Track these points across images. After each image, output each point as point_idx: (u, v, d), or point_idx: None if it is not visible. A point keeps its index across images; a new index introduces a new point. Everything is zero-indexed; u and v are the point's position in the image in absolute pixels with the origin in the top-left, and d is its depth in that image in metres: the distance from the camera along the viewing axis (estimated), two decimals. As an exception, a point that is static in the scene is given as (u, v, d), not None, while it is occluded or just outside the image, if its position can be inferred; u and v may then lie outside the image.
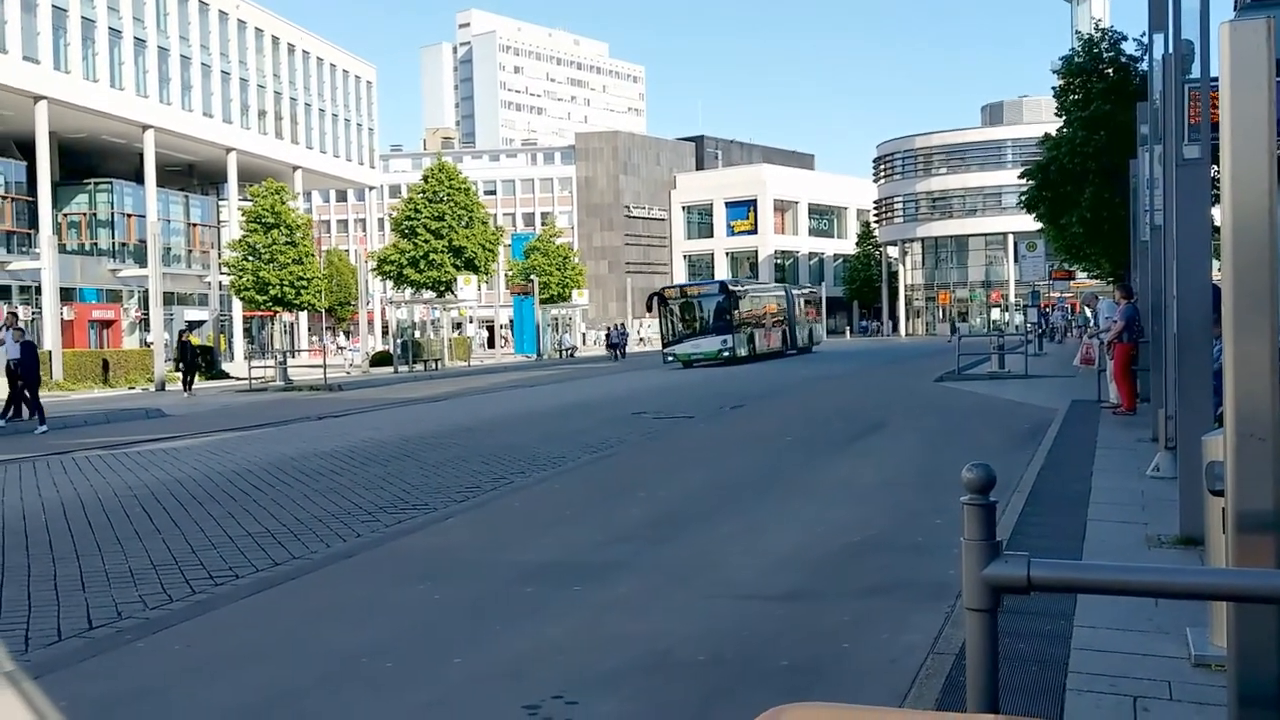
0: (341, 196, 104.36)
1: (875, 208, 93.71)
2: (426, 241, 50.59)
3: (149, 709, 4.98)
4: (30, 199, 46.60)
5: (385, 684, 5.18)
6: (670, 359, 39.73)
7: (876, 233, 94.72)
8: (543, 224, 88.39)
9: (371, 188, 78.58)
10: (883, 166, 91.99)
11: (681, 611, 6.31)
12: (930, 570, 7.06)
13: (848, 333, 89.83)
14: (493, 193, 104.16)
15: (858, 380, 29.25)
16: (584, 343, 73.82)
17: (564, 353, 57.51)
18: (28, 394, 20.21)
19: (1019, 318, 78.41)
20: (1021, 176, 34.69)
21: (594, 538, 8.51)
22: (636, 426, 17.24)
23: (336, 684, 5.24)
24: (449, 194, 51.41)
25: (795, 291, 51.53)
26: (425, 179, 52.20)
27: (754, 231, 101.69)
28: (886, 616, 6.08)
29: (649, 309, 42.85)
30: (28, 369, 20.14)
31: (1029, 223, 43.36)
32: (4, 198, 46.40)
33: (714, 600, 6.53)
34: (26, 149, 46.79)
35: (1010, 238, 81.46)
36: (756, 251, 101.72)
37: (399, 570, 7.65)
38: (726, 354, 38.73)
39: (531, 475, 11.96)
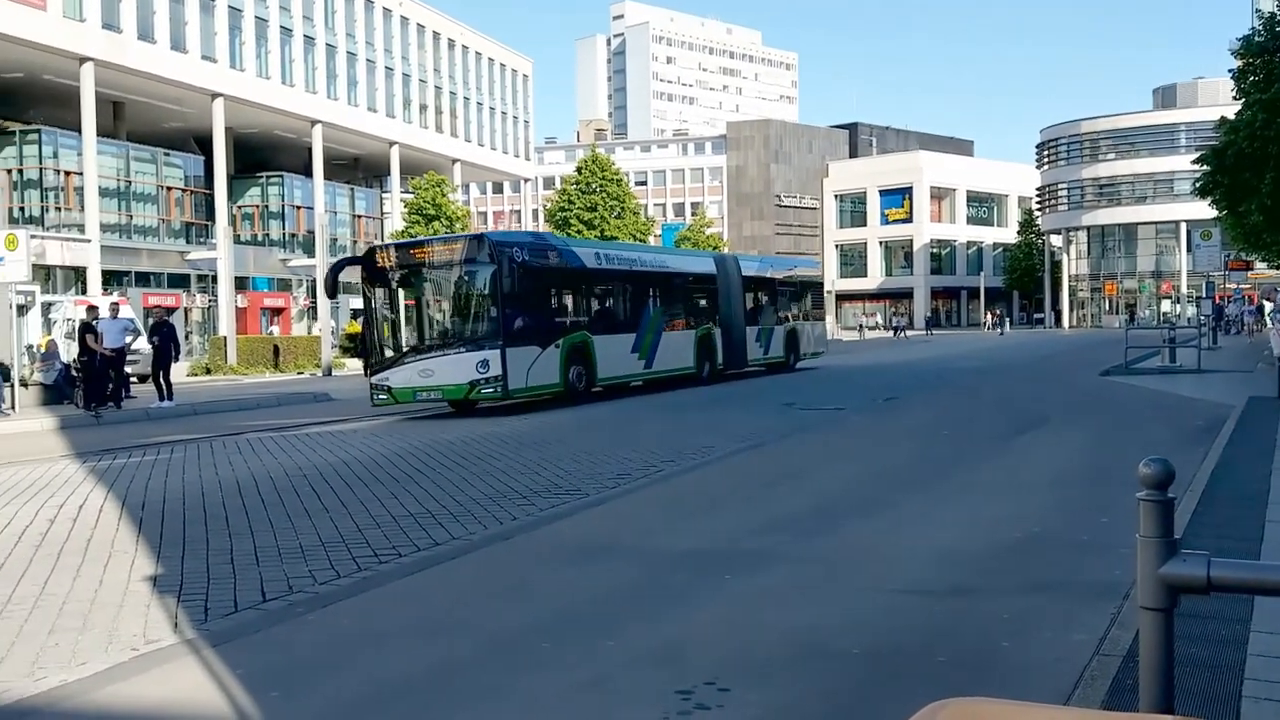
0: (498, 188, 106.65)
1: (1038, 195, 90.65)
2: (579, 232, 51.33)
3: (319, 680, 5.20)
4: (208, 192, 49.07)
5: (543, 662, 5.29)
6: (382, 395, 19.41)
7: (1039, 221, 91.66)
8: (693, 214, 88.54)
9: (527, 180, 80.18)
10: (1046, 152, 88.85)
11: (834, 603, 6.25)
12: (1095, 569, 6.82)
13: (1007, 325, 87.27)
14: (644, 183, 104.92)
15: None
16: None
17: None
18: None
19: (1191, 310, 74.92)
20: (1195, 162, 33.05)
21: (744, 527, 8.50)
22: (786, 417, 17.13)
23: (496, 661, 5.37)
24: (601, 185, 52.10)
25: (750, 266, 29.37)
26: (579, 170, 53.06)
27: (909, 220, 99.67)
28: (1048, 615, 5.91)
29: (332, 293, 22.23)
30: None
31: (1203, 210, 41.24)
32: (184, 191, 48.98)
33: (868, 593, 6.45)
34: (204, 144, 49.28)
35: (1183, 226, 77.70)
36: (911, 240, 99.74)
37: (553, 553, 7.79)
38: (489, 389, 18.83)
39: (680, 464, 12.00)
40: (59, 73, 41.25)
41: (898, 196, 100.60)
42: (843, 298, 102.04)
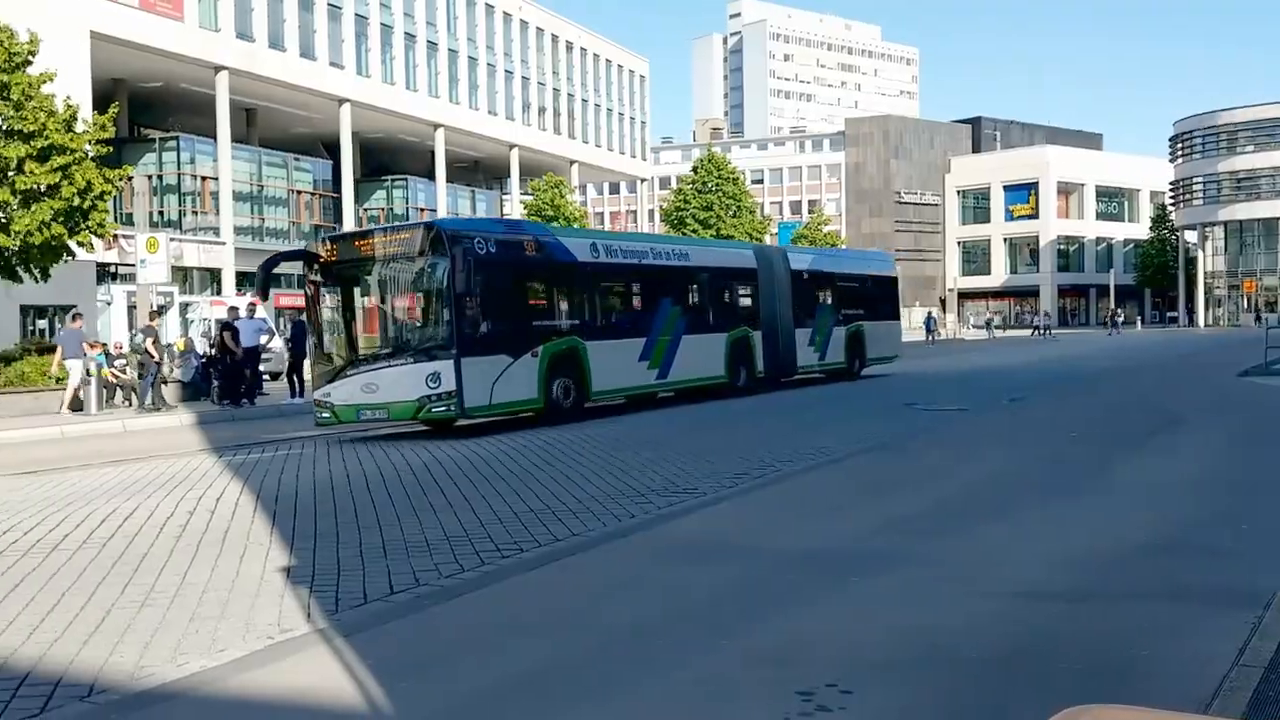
0: (615, 189, 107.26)
1: (1171, 189, 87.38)
2: (695, 231, 51.37)
3: (445, 671, 5.32)
4: (335, 195, 50.49)
5: (659, 660, 5.31)
6: (325, 414, 16.36)
7: (1173, 216, 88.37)
8: (810, 212, 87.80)
9: (643, 180, 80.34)
10: (1180, 145, 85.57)
11: (958, 606, 6.13)
12: (1235, 577, 6.56)
13: (1138, 324, 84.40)
14: (760, 181, 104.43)
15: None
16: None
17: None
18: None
19: (1337, 307, 71.36)
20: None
21: (863, 528, 8.40)
22: (906, 418, 16.86)
23: (614, 658, 5.42)
24: (717, 184, 52.05)
25: (803, 260, 26.47)
26: (695, 170, 53.11)
27: (1035, 216, 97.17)
28: (1185, 623, 5.70)
29: (264, 294, 18.77)
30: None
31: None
32: (313, 194, 50.48)
33: (993, 597, 6.31)
34: (332, 149, 50.70)
35: (1328, 220, 74.19)
36: (1037, 237, 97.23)
37: (670, 551, 7.81)
38: (441, 407, 15.72)
39: (798, 464, 11.90)
40: (195, 81, 42.91)
41: (1023, 192, 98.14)
42: (965, 295, 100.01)
